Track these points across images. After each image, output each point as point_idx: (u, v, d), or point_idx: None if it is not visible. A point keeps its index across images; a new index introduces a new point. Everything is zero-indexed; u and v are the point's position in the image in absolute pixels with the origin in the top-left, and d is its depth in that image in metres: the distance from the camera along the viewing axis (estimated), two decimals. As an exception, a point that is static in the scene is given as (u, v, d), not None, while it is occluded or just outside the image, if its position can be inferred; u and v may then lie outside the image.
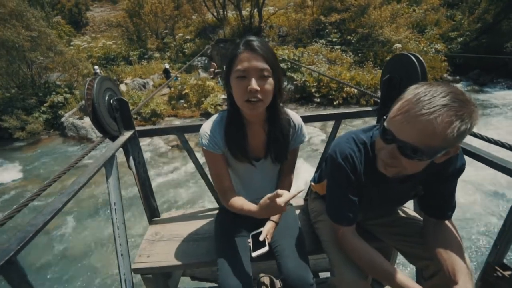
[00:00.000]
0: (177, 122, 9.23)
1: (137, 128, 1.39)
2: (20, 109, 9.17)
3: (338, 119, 1.48)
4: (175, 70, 12.14)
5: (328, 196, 0.95)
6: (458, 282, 0.71)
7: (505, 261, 0.90)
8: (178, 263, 1.21)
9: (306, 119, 1.44)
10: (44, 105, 9.65)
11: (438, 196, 0.88)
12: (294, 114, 1.05)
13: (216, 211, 1.32)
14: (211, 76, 12.04)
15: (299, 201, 1.58)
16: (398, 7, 13.62)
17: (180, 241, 1.32)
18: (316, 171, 1.46)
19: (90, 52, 14.59)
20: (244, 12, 15.50)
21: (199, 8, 16.70)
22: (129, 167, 1.38)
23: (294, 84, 10.42)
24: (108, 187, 1.08)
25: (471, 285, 0.71)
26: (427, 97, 0.61)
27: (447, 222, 0.88)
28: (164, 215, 1.57)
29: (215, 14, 16.33)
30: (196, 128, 1.38)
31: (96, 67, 11.46)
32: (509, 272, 0.86)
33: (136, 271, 1.21)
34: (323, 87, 10.05)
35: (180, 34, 16.15)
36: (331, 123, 1.52)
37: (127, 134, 1.31)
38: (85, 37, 18.38)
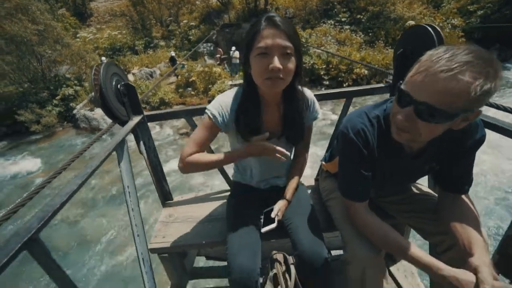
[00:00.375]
0: (185, 111, 9.29)
1: (146, 113, 1.39)
2: (34, 103, 9.43)
3: (349, 96, 1.44)
4: (181, 57, 12.05)
5: (340, 172, 0.93)
6: (474, 255, 0.70)
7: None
8: (192, 243, 1.25)
9: (317, 98, 1.40)
10: (56, 98, 9.88)
11: (456, 170, 0.85)
12: (306, 90, 1.03)
13: (228, 193, 1.34)
14: (218, 62, 11.89)
15: (310, 181, 1.57)
16: (411, -20, 12.81)
17: (194, 222, 1.35)
18: (326, 151, 1.44)
19: (96, 44, 14.62)
20: (248, -6, 14.98)
21: (202, -8, 16.29)
22: (140, 152, 1.40)
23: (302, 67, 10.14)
24: (121, 171, 1.10)
25: (487, 257, 0.69)
26: (447, 54, 0.57)
27: (463, 196, 0.86)
28: (176, 198, 1.60)
29: (219, -2, 15.89)
30: (204, 110, 1.37)
31: (103, 58, 11.53)
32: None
33: (153, 250, 1.25)
34: (332, 69, 9.78)
35: (185, 21, 15.88)
36: (341, 106, 1.48)
37: (136, 119, 1.31)
38: (91, 29, 18.34)
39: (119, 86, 1.27)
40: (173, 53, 11.85)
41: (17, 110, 9.10)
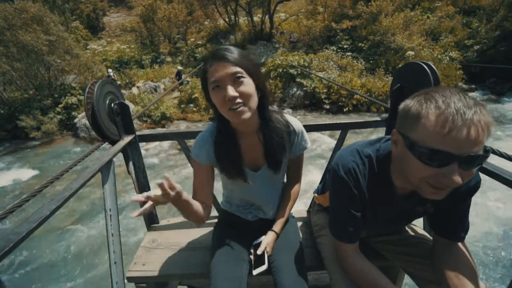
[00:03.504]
0: (185, 125, 9.33)
1: (138, 132, 1.37)
2: (37, 110, 9.51)
3: (344, 129, 1.42)
4: (186, 74, 12.33)
5: (330, 211, 0.90)
6: None
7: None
8: (174, 273, 1.17)
9: (312, 128, 1.39)
10: (59, 106, 9.97)
11: (450, 215, 0.81)
12: (294, 120, 1.00)
13: (215, 220, 1.28)
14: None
15: (301, 212, 1.52)
16: (411, 14, 13.42)
17: (177, 250, 1.29)
18: (320, 182, 1.41)
19: (105, 56, 15.05)
20: (255, 18, 15.67)
21: (211, 14, 17.02)
22: (128, 172, 1.36)
23: (303, 90, 10.37)
24: (104, 193, 1.06)
25: None
26: (451, 99, 0.59)
27: (459, 244, 0.81)
28: (162, 222, 1.54)
29: (227, 20, 16.58)
30: (196, 135, 1.35)
31: (110, 70, 11.78)
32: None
33: (131, 279, 1.17)
34: (333, 94, 9.95)
35: (192, 39, 16.47)
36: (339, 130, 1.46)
37: (127, 139, 1.29)
38: (101, 41, 19.01)
39: (112, 104, 1.26)
40: (180, 67, 12.09)
41: (19, 115, 9.15)
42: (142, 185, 1.44)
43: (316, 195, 1.23)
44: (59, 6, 18.42)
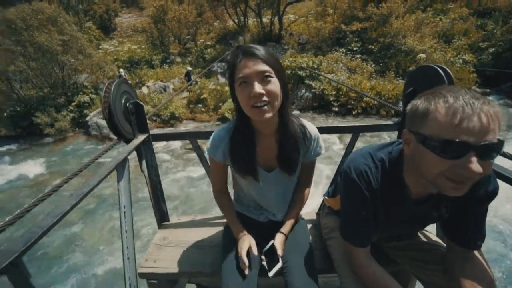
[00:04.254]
0: (194, 125, 9.41)
1: (151, 131, 1.40)
2: (51, 107, 9.78)
3: (356, 132, 1.42)
4: (195, 74, 12.45)
5: (342, 214, 0.90)
6: None
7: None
8: (184, 270, 1.19)
9: (323, 130, 1.39)
10: (72, 104, 10.23)
11: (466, 222, 0.80)
12: (310, 125, 1.00)
13: (224, 220, 1.30)
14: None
15: (311, 215, 1.52)
16: (423, 16, 13.19)
17: (187, 248, 1.31)
18: (330, 185, 1.40)
19: (116, 56, 15.34)
20: (264, 20, 15.68)
21: (221, 15, 17.12)
22: (142, 170, 1.39)
23: (312, 92, 10.31)
24: (119, 190, 1.09)
25: None
26: (459, 93, 0.60)
27: (475, 252, 0.79)
28: (173, 219, 1.57)
29: (236, 21, 16.66)
30: (209, 135, 1.37)
31: (121, 70, 12.01)
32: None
33: (142, 275, 1.20)
34: (342, 96, 9.87)
35: (202, 40, 16.60)
36: (348, 133, 1.45)
37: (141, 137, 1.32)
38: (113, 41, 19.40)
39: (128, 104, 1.29)
40: (189, 68, 12.21)
41: (35, 112, 9.43)
42: (154, 183, 1.46)
43: (326, 198, 1.23)
44: (74, 6, 18.94)
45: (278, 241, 0.99)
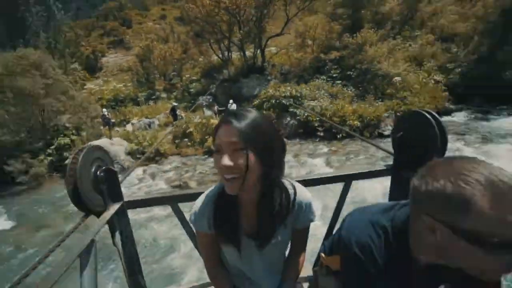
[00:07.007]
0: (180, 160, 9.17)
1: (126, 199, 1.26)
2: (27, 152, 9.34)
3: (348, 180, 1.34)
4: (181, 109, 12.52)
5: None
6: None
7: None
8: None
9: (314, 182, 1.31)
10: (51, 147, 9.83)
11: None
12: (303, 190, 0.92)
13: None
14: (216, 113, 12.34)
15: (307, 271, 1.36)
16: (394, 42, 14.28)
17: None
18: (325, 238, 1.29)
19: (101, 95, 15.37)
20: (247, 53, 16.42)
21: (205, 51, 17.85)
22: (114, 244, 1.22)
23: (297, 119, 10.54)
24: (81, 283, 0.90)
25: None
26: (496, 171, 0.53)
27: None
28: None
29: (220, 56, 17.35)
30: (190, 197, 1.25)
31: (104, 109, 11.85)
32: None
33: None
34: (326, 122, 10.12)
35: (187, 75, 17.05)
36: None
37: (114, 207, 1.17)
38: (98, 81, 19.59)
39: (98, 172, 1.16)
40: (175, 103, 12.30)
41: (8, 160, 8.93)
42: (130, 254, 1.28)
43: (323, 254, 1.11)
44: (61, 50, 19.26)
45: None
